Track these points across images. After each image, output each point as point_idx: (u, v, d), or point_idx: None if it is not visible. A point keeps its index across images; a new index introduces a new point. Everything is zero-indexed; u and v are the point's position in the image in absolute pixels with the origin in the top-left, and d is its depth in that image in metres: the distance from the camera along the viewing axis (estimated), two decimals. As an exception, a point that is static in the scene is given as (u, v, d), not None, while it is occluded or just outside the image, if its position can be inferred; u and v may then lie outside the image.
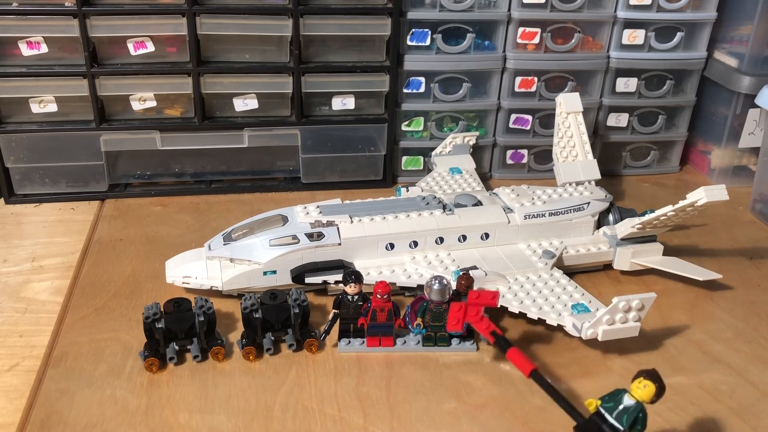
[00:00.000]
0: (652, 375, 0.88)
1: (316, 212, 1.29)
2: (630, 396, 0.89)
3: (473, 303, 1.10)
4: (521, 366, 1.01)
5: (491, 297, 1.10)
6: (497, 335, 1.06)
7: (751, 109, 1.70)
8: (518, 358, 1.01)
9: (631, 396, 0.88)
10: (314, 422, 1.01)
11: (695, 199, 1.18)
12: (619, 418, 0.88)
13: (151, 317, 1.09)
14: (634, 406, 0.88)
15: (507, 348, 1.03)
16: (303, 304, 1.13)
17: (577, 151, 1.53)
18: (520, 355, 1.01)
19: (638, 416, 0.88)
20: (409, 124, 1.71)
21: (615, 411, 0.89)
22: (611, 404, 0.89)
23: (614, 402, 0.89)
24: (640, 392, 0.88)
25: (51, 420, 1.00)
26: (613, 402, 0.89)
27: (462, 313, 1.10)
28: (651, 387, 0.87)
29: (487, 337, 1.07)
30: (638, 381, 0.88)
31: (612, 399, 0.90)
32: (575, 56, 1.68)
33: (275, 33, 1.55)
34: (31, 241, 1.44)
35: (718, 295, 1.35)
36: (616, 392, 0.90)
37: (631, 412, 0.88)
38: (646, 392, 0.87)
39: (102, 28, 1.48)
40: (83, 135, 1.56)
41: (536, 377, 0.98)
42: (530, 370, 0.99)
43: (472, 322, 1.09)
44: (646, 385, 0.87)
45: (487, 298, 1.09)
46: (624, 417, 0.88)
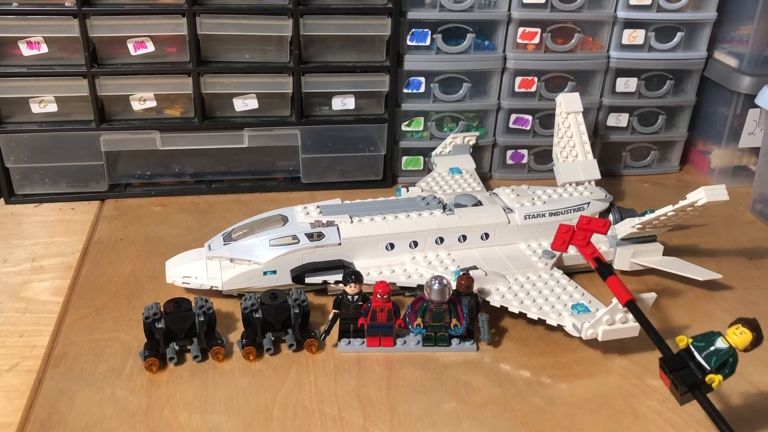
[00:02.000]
0: (751, 323, 0.86)
1: (316, 212, 1.29)
2: (724, 340, 0.87)
3: (583, 227, 1.09)
4: (618, 294, 1.01)
5: (602, 225, 1.08)
6: (600, 261, 1.06)
7: (751, 109, 1.70)
8: (617, 287, 1.01)
9: (725, 340, 0.87)
10: (314, 422, 1.01)
11: (695, 199, 1.18)
12: (708, 358, 0.87)
13: (151, 317, 1.09)
14: (726, 349, 0.87)
15: (608, 276, 1.04)
16: (303, 304, 1.13)
17: (577, 151, 1.53)
18: (619, 285, 1.01)
19: (728, 360, 0.86)
20: (409, 124, 1.71)
21: (705, 351, 0.87)
22: (702, 344, 0.88)
23: (706, 342, 0.88)
24: (736, 338, 0.86)
25: (51, 420, 1.00)
26: (705, 342, 0.88)
27: (569, 235, 1.09)
28: (747, 334, 0.86)
29: (590, 262, 1.07)
30: (735, 327, 0.87)
31: (705, 339, 0.88)
32: (575, 56, 1.68)
33: (275, 33, 1.55)
34: (31, 241, 1.44)
35: (718, 295, 1.35)
36: (710, 334, 0.89)
37: (721, 354, 0.87)
38: (741, 339, 0.86)
39: (102, 28, 1.48)
40: (83, 135, 1.56)
41: (632, 307, 0.99)
42: (626, 300, 0.99)
43: (578, 245, 1.09)
44: (743, 332, 0.86)
45: (598, 225, 1.08)
46: (713, 358, 0.87)
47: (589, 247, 1.08)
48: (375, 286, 1.13)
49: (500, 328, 1.22)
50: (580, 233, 1.10)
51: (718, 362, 0.86)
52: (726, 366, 0.87)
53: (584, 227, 1.10)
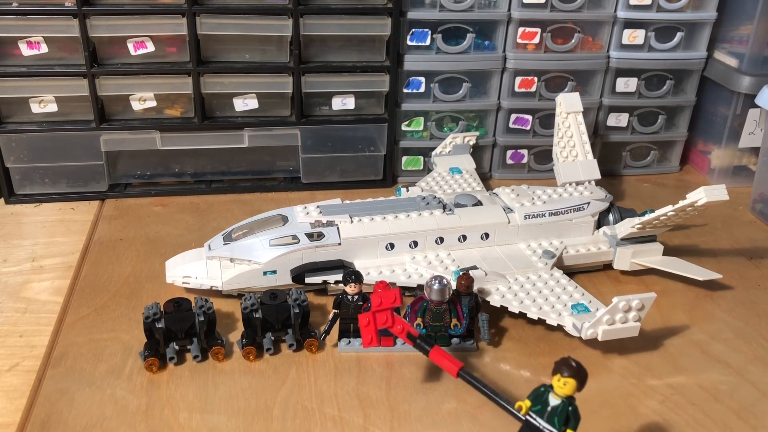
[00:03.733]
0: (568, 366, 0.82)
1: (316, 212, 1.29)
2: (554, 394, 0.83)
3: (378, 309, 1.04)
4: (447, 366, 0.97)
5: (392, 299, 1.03)
6: (413, 337, 1.02)
7: (751, 109, 1.70)
8: (442, 358, 0.97)
9: (555, 394, 0.83)
10: (314, 422, 1.01)
11: (695, 199, 1.18)
12: (550, 421, 0.83)
13: (151, 317, 1.09)
14: (560, 404, 0.83)
15: (428, 350, 0.99)
16: (303, 304, 1.13)
17: (577, 151, 1.53)
18: (443, 355, 0.97)
19: (567, 411, 0.83)
20: (409, 124, 1.71)
21: (544, 414, 0.84)
22: (539, 407, 0.84)
23: (541, 404, 0.84)
24: (562, 389, 0.82)
25: (51, 420, 1.00)
26: (540, 404, 0.84)
27: (372, 326, 1.04)
28: (571, 383, 0.82)
29: (404, 339, 1.02)
30: (556, 379, 0.82)
31: (537, 400, 0.84)
32: (575, 56, 1.68)
33: (275, 33, 1.55)
34: (31, 241, 1.44)
35: (718, 295, 1.35)
36: (541, 392, 0.84)
37: (559, 411, 0.83)
38: (568, 388, 0.82)
39: (102, 28, 1.48)
40: (83, 135, 1.56)
41: (464, 376, 0.95)
42: (457, 369, 0.96)
43: (388, 327, 1.04)
44: (566, 382, 0.82)
45: (388, 300, 1.03)
46: (555, 419, 0.83)
47: (396, 326, 1.02)
48: (375, 286, 1.13)
49: (500, 328, 1.22)
50: (380, 317, 1.04)
51: (562, 419, 0.83)
52: (570, 419, 0.83)
53: (378, 309, 1.04)
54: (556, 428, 0.83)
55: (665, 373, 1.13)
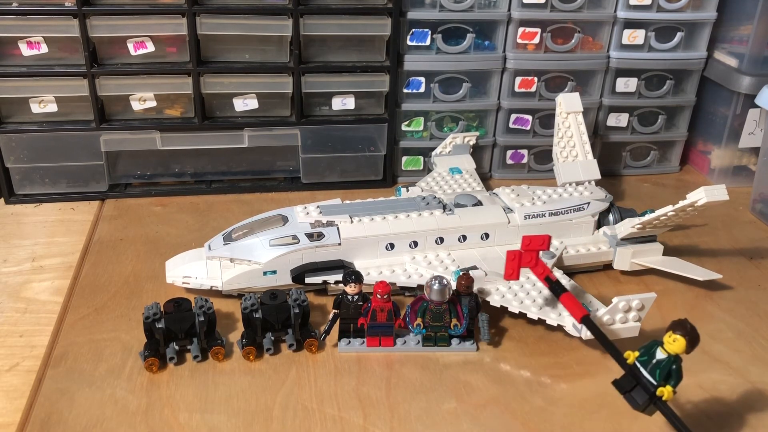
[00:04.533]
0: (682, 326, 0.87)
1: (316, 212, 1.29)
2: (662, 349, 0.88)
3: (527, 249, 1.11)
4: (573, 312, 1.03)
5: (542, 242, 1.11)
6: (550, 280, 1.08)
7: (751, 109, 1.70)
8: (571, 304, 1.04)
9: (663, 350, 0.88)
10: (314, 422, 1.01)
11: (695, 199, 1.18)
12: (652, 372, 0.88)
13: (151, 317, 1.09)
14: (666, 359, 0.87)
15: (561, 293, 1.06)
16: (303, 304, 1.13)
17: (577, 151, 1.53)
18: (572, 302, 1.04)
19: (671, 369, 0.87)
20: (409, 124, 1.71)
21: (648, 365, 0.89)
22: (645, 358, 0.89)
23: (648, 356, 0.89)
24: (671, 346, 0.87)
25: (51, 420, 1.00)
26: (647, 356, 0.89)
27: (518, 261, 1.12)
28: (681, 341, 0.87)
29: (542, 282, 1.10)
30: (668, 335, 0.88)
31: (646, 352, 0.90)
32: (575, 56, 1.68)
33: (275, 33, 1.55)
34: (31, 241, 1.44)
35: (718, 295, 1.35)
36: (650, 345, 0.90)
37: (663, 366, 0.88)
38: (677, 345, 0.87)
39: (102, 28, 1.48)
40: (83, 135, 1.56)
41: (587, 323, 1.01)
42: (581, 316, 1.02)
43: (529, 267, 1.11)
44: (676, 339, 0.87)
45: (538, 242, 1.11)
46: (657, 371, 0.88)
47: (539, 267, 1.11)
48: (375, 286, 1.13)
49: (500, 328, 1.22)
50: (526, 256, 1.12)
51: (663, 374, 0.88)
52: (671, 376, 0.88)
53: (527, 248, 1.12)
54: (656, 380, 0.88)
55: (665, 373, 1.13)
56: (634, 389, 0.90)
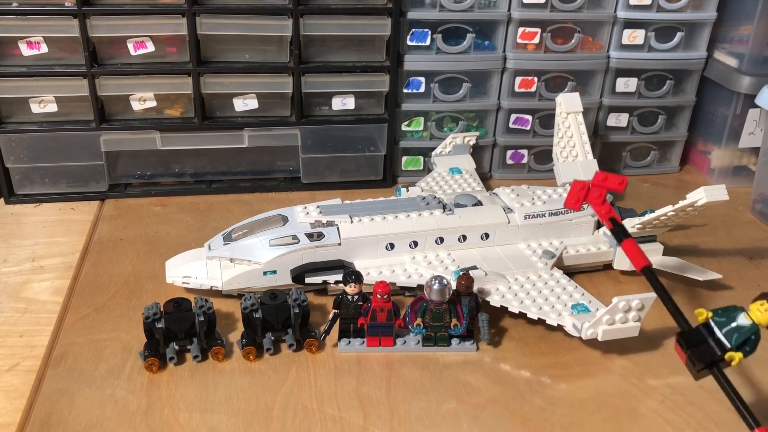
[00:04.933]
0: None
1: (316, 212, 1.29)
2: (746, 316, 0.84)
3: (598, 184, 1.05)
4: (634, 259, 0.98)
5: (619, 182, 1.05)
6: (616, 222, 1.02)
7: (751, 109, 1.70)
8: (633, 251, 0.98)
9: (748, 316, 0.83)
10: (314, 422, 1.01)
11: (695, 199, 1.18)
12: (728, 335, 0.83)
13: (151, 317, 1.09)
14: (749, 326, 0.83)
15: (623, 238, 0.99)
16: (303, 304, 1.13)
17: (577, 151, 1.53)
18: (635, 248, 0.98)
19: (750, 337, 0.83)
20: (409, 124, 1.71)
21: (725, 327, 0.84)
22: (723, 319, 0.84)
23: (727, 318, 0.84)
24: (760, 314, 0.83)
25: (51, 420, 1.00)
26: (726, 317, 0.84)
27: (584, 192, 1.05)
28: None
29: (606, 222, 1.03)
30: (759, 303, 0.83)
31: (726, 314, 0.85)
32: (575, 56, 1.68)
33: (275, 33, 1.55)
34: (31, 241, 1.44)
35: (718, 295, 1.35)
36: (732, 308, 0.85)
37: (744, 331, 0.83)
38: (765, 315, 0.83)
39: (102, 28, 1.48)
40: (83, 135, 1.56)
41: (647, 273, 0.96)
42: (643, 265, 0.96)
43: (593, 204, 1.05)
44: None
45: (614, 181, 1.05)
46: (734, 335, 0.83)
47: (605, 206, 1.03)
48: (375, 286, 1.13)
49: (500, 328, 1.22)
50: (595, 190, 1.05)
51: (740, 339, 0.83)
52: (747, 344, 0.83)
53: (600, 184, 1.05)
54: (731, 343, 0.82)
55: (665, 373, 1.13)
56: (703, 345, 0.85)
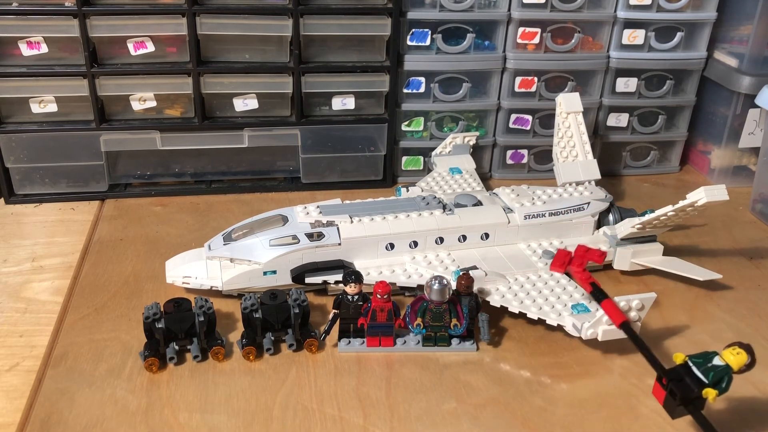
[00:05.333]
0: (746, 347, 0.91)
1: (316, 212, 1.29)
2: (720, 358, 0.92)
3: (580, 255, 1.16)
4: (612, 317, 1.06)
5: (599, 255, 1.17)
6: (595, 286, 1.11)
7: (751, 109, 1.70)
8: (611, 310, 1.07)
9: (722, 359, 0.92)
10: (314, 422, 1.01)
11: (695, 199, 1.18)
12: (705, 373, 0.91)
13: (151, 317, 1.09)
14: (723, 366, 0.91)
15: (602, 299, 1.08)
16: (303, 304, 1.13)
17: (577, 151, 1.53)
18: (613, 307, 1.06)
19: (724, 377, 0.91)
20: (409, 124, 1.71)
21: (702, 366, 0.92)
22: (700, 360, 0.92)
23: (703, 359, 0.92)
24: (732, 358, 0.91)
25: (51, 420, 1.00)
26: (702, 359, 0.92)
27: (567, 259, 1.17)
28: (743, 355, 0.91)
29: (585, 287, 1.13)
30: (732, 348, 0.91)
31: (701, 357, 0.93)
32: (575, 56, 1.68)
33: (275, 33, 1.55)
34: (31, 241, 1.44)
35: (718, 295, 1.35)
36: (707, 353, 0.93)
37: (719, 371, 0.91)
38: (738, 359, 0.90)
39: (102, 28, 1.48)
40: (83, 135, 1.56)
41: (626, 328, 1.04)
42: (620, 321, 1.05)
43: (574, 272, 1.17)
44: (740, 353, 0.91)
45: (594, 254, 1.17)
46: (711, 373, 0.91)
47: (585, 273, 1.15)
48: (375, 286, 1.13)
49: (500, 328, 1.22)
50: (577, 260, 1.17)
51: (716, 378, 0.91)
52: (722, 382, 0.91)
53: (582, 255, 1.17)
54: (708, 380, 0.90)
55: (665, 373, 1.13)
56: (682, 381, 0.92)
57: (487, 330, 1.15)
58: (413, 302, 1.15)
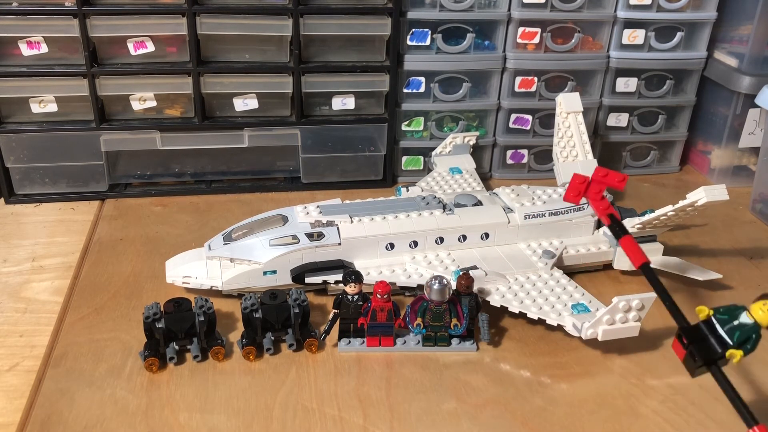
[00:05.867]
0: None
1: (316, 212, 1.29)
2: (748, 314, 0.85)
3: (599, 180, 1.06)
4: (633, 256, 0.98)
5: (620, 179, 1.06)
6: (614, 218, 1.02)
7: (751, 109, 1.70)
8: (632, 248, 0.98)
9: (750, 315, 0.85)
10: (314, 422, 1.01)
11: (695, 199, 1.18)
12: (730, 332, 0.84)
13: (151, 317, 1.09)
14: (751, 325, 0.84)
15: (621, 235, 1.00)
16: (303, 304, 1.13)
17: (577, 151, 1.53)
18: (634, 245, 0.98)
19: (752, 336, 0.84)
20: (409, 124, 1.71)
21: (727, 324, 0.85)
22: (726, 317, 0.85)
23: (729, 315, 0.85)
24: (762, 314, 0.84)
25: (51, 420, 1.00)
26: (728, 315, 0.86)
27: (584, 186, 1.06)
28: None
29: (603, 219, 1.04)
30: (762, 302, 0.85)
31: (728, 312, 0.86)
32: (575, 56, 1.68)
33: (275, 33, 1.55)
34: (31, 241, 1.44)
35: (718, 295, 1.35)
36: (734, 307, 0.86)
37: (746, 330, 0.84)
38: (767, 315, 0.84)
39: (102, 28, 1.48)
40: (83, 135, 1.56)
41: (646, 270, 0.96)
42: (641, 262, 0.97)
43: (592, 199, 1.06)
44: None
45: (615, 178, 1.06)
46: (736, 333, 0.84)
47: (603, 202, 1.04)
48: (375, 286, 1.13)
49: (500, 328, 1.22)
50: (595, 186, 1.06)
51: (742, 337, 0.84)
52: (748, 342, 0.84)
53: (600, 180, 1.06)
54: (733, 341, 0.83)
55: (665, 373, 1.13)
56: (704, 342, 0.85)
57: (487, 330, 1.15)
58: (413, 302, 1.15)
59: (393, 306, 1.14)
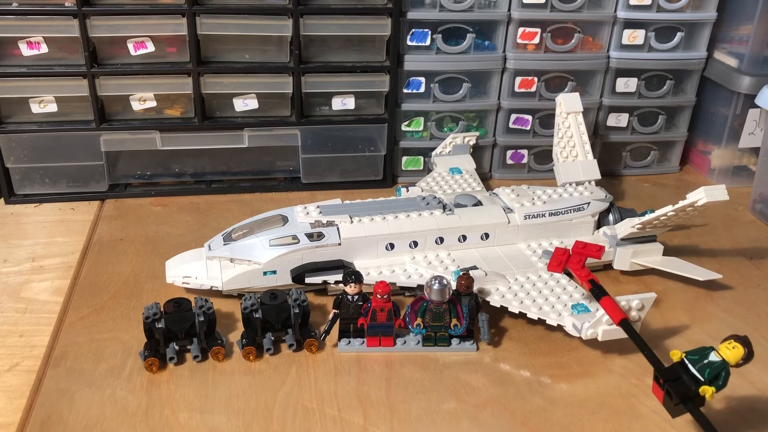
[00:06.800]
0: (743, 339, 0.91)
1: (316, 212, 1.29)
2: (716, 353, 0.91)
3: (578, 252, 1.14)
4: (612, 314, 1.05)
5: (596, 250, 1.15)
6: (595, 283, 1.10)
7: (751, 109, 1.70)
8: (610, 307, 1.06)
9: (718, 354, 0.91)
10: (314, 422, 1.01)
11: (695, 199, 1.18)
12: (701, 370, 0.90)
13: (151, 317, 1.09)
14: (719, 362, 0.90)
15: (601, 296, 1.07)
16: (303, 304, 1.13)
17: (577, 151, 1.53)
18: (612, 304, 1.06)
19: (721, 373, 0.90)
20: (409, 124, 1.71)
21: (698, 364, 0.91)
22: (696, 357, 0.91)
23: (699, 356, 0.91)
24: (729, 352, 0.90)
25: (51, 420, 1.00)
26: (698, 356, 0.91)
27: (566, 257, 1.15)
28: (740, 349, 0.90)
29: (585, 285, 1.12)
30: (728, 342, 0.91)
31: (698, 353, 0.92)
32: (575, 56, 1.68)
33: (275, 33, 1.55)
34: (31, 241, 1.44)
35: (718, 295, 1.35)
36: (703, 348, 0.92)
37: (715, 366, 0.90)
38: (734, 353, 0.90)
39: (102, 28, 1.48)
40: (83, 135, 1.56)
41: (625, 326, 1.03)
42: (620, 319, 1.03)
43: (573, 269, 1.14)
44: (735, 347, 0.90)
45: (592, 250, 1.15)
46: (707, 370, 0.90)
47: (584, 270, 1.14)
48: (375, 286, 1.13)
49: (500, 328, 1.22)
50: (575, 257, 1.15)
51: (712, 374, 0.90)
52: (719, 378, 0.90)
53: (579, 251, 1.16)
54: (704, 378, 0.89)
55: (665, 373, 1.13)
56: (678, 380, 0.91)
57: (487, 330, 1.16)
58: (413, 302, 1.15)
59: (393, 306, 1.14)
